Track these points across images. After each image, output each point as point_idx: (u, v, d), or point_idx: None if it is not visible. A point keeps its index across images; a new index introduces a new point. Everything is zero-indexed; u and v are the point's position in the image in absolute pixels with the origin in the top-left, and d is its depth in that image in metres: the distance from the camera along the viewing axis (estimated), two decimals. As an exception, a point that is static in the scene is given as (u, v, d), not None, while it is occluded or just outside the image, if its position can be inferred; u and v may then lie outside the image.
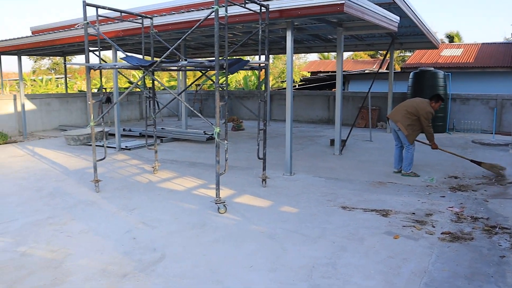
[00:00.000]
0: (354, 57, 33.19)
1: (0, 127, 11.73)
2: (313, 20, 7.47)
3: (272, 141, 9.97)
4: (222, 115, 5.84)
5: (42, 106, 13.56)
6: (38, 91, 23.08)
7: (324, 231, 4.38)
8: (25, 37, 10.75)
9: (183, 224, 4.63)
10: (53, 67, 37.45)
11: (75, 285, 3.33)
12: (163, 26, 7.39)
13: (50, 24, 12.75)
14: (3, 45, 11.38)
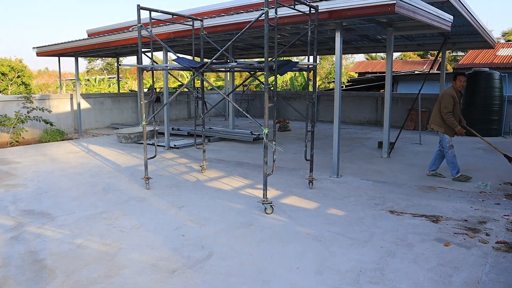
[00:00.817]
0: (402, 57, 32.34)
1: (58, 124, 12.33)
2: (362, 20, 7.36)
3: (319, 143, 9.91)
4: (271, 116, 5.86)
5: (96, 105, 14.15)
6: (91, 91, 24.10)
7: (372, 236, 4.32)
8: (82, 39, 11.26)
9: (230, 223, 4.71)
10: (105, 68, 38.97)
11: (127, 278, 3.46)
12: (212, 28, 7.52)
13: (105, 26, 13.29)
14: (62, 47, 11.98)
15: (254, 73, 6.55)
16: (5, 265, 3.70)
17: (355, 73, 26.85)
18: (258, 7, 7.70)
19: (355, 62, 33.59)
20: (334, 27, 6.90)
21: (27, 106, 10.85)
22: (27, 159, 8.56)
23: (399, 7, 5.66)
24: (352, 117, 15.41)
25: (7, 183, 6.58)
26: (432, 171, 6.84)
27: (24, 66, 21.25)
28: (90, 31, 14.01)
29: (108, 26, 13.26)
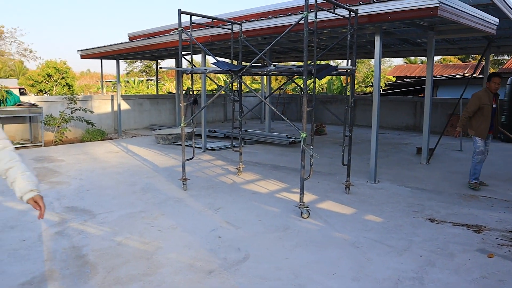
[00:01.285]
0: (442, 61, 31.52)
1: (99, 124, 12.72)
2: (402, 24, 7.24)
3: (356, 147, 9.79)
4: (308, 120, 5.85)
5: (135, 106, 14.51)
6: (130, 92, 24.72)
7: (411, 244, 4.23)
8: (123, 43, 11.59)
9: (266, 226, 4.72)
10: (144, 70, 39.87)
11: (165, 276, 3.54)
12: (251, 32, 7.58)
13: (145, 30, 13.63)
14: (104, 50, 12.37)
15: (291, 77, 6.55)
16: (50, 258, 3.85)
17: (393, 77, 26.36)
18: (297, 11, 7.70)
19: (393, 66, 33.00)
20: (373, 31, 6.82)
21: (71, 106, 11.25)
22: (70, 158, 8.87)
23: (442, 11, 5.54)
24: (389, 121, 15.14)
25: (52, 180, 6.84)
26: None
27: (68, 67, 22.00)
28: (131, 34, 14.40)
29: (148, 29, 13.60)
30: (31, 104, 10.93)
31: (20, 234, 4.42)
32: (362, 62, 28.64)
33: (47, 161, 8.52)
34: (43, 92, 22.95)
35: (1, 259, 3.83)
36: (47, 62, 24.06)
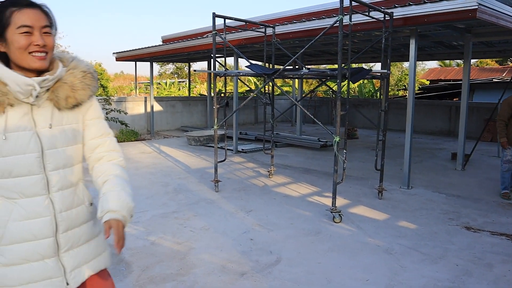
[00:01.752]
0: (479, 64, 30.66)
1: (132, 125, 13.00)
2: (438, 26, 7.10)
3: (388, 152, 9.61)
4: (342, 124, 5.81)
5: (167, 107, 14.74)
6: (162, 94, 25.13)
7: (446, 252, 4.14)
8: (157, 45, 11.82)
9: (298, 230, 4.71)
10: (176, 72, 40.48)
11: (198, 277, 3.58)
12: (284, 35, 7.60)
13: (179, 33, 13.84)
14: (139, 53, 12.63)
15: (324, 80, 6.52)
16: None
17: (427, 80, 25.82)
18: (330, 14, 7.67)
19: (426, 69, 32.31)
20: (408, 33, 6.70)
21: (106, 107, 11.54)
22: (104, 158, 9.08)
23: (481, 13, 5.40)
24: (423, 126, 14.83)
25: (86, 179, 7.02)
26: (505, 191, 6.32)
27: (103, 69, 22.57)
28: (165, 37, 14.65)
29: (181, 32, 13.81)
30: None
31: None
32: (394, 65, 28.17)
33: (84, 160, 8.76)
34: (79, 93, 23.58)
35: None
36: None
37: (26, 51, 1.49)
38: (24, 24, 1.48)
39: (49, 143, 1.58)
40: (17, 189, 1.54)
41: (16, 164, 1.52)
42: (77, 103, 1.65)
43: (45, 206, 1.58)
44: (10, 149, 1.51)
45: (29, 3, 1.52)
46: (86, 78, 1.68)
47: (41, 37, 1.51)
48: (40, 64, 1.52)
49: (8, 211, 1.54)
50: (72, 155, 1.67)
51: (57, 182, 1.61)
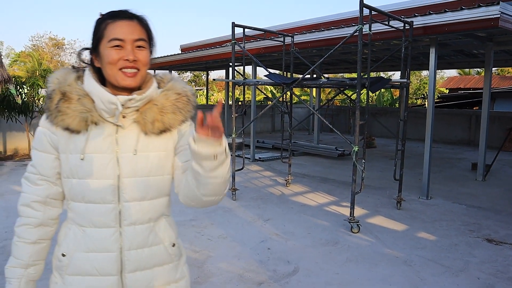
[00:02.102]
0: (500, 72, 30.19)
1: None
2: (459, 35, 7.03)
3: (407, 162, 9.49)
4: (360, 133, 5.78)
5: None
6: (180, 101, 25.30)
7: (467, 264, 4.07)
8: (176, 54, 11.98)
9: (316, 240, 4.69)
10: (193, 80, 40.84)
11: (215, 286, 3.59)
12: (302, 44, 7.62)
13: (197, 42, 14.00)
14: (158, 62, 12.82)
15: (343, 89, 6.51)
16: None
17: (446, 89, 25.53)
18: (349, 23, 7.67)
19: (445, 78, 31.96)
20: (428, 42, 6.66)
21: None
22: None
23: (504, 21, 5.35)
24: (442, 135, 14.65)
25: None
26: None
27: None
28: (183, 46, 14.82)
29: (199, 41, 13.96)
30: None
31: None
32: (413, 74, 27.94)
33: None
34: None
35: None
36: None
37: (115, 66, 1.34)
38: (115, 37, 1.34)
39: (128, 170, 1.39)
40: (88, 216, 1.40)
41: (90, 189, 1.38)
42: (164, 128, 1.43)
43: (113, 241, 1.40)
44: (86, 171, 1.37)
45: (126, 15, 1.38)
46: (179, 101, 1.47)
47: (132, 52, 1.34)
48: (129, 82, 1.36)
49: (77, 240, 1.41)
50: (154, 186, 1.44)
51: (130, 215, 1.41)
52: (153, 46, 1.45)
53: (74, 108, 1.36)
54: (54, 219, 1.49)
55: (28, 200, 1.44)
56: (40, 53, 31.63)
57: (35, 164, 1.44)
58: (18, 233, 1.45)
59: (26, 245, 1.45)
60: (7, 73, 7.98)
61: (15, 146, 10.60)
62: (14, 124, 10.13)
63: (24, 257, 1.45)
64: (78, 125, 1.36)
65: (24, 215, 1.44)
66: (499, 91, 18.55)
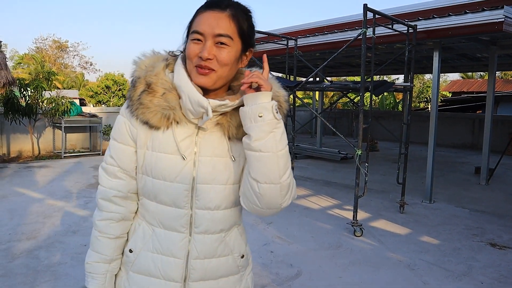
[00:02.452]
0: (503, 76, 30.13)
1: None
2: (462, 39, 7.03)
3: (409, 165, 9.48)
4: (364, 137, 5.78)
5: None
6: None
7: (470, 269, 4.06)
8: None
9: (319, 243, 4.69)
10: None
11: (218, 289, 3.58)
12: (306, 47, 7.63)
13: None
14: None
15: (346, 93, 6.52)
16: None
17: (449, 92, 25.50)
18: (352, 26, 7.68)
19: (448, 81, 31.93)
20: (431, 46, 6.66)
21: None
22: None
23: (508, 25, 5.35)
24: (445, 139, 14.62)
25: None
26: None
27: (126, 80, 23.00)
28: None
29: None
30: (91, 115, 11.49)
31: (81, 239, 4.64)
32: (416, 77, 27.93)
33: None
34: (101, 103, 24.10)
35: (65, 261, 4.04)
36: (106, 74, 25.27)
37: (192, 63, 1.22)
38: (196, 29, 1.21)
39: (205, 176, 1.28)
40: (158, 217, 1.32)
41: (162, 190, 1.29)
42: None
43: (180, 247, 1.32)
44: (161, 171, 1.28)
45: (219, 5, 1.22)
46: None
47: (208, 48, 1.19)
48: (202, 81, 1.21)
49: (145, 238, 1.35)
50: (230, 195, 1.33)
51: (201, 224, 1.31)
52: (249, 42, 1.28)
53: (157, 103, 1.24)
54: (134, 212, 1.42)
55: (109, 194, 1.36)
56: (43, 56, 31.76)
57: (114, 156, 1.35)
58: (100, 227, 1.39)
59: (109, 240, 1.39)
60: (11, 76, 8.01)
61: (19, 148, 10.63)
62: (18, 126, 10.17)
63: (107, 252, 1.39)
64: (158, 121, 1.26)
65: (106, 209, 1.38)
66: (502, 94, 18.52)
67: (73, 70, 35.57)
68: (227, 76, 1.25)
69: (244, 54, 1.28)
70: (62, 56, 35.29)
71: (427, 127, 6.58)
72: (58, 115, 10.30)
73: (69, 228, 5.02)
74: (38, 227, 5.02)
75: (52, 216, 5.48)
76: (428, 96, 25.07)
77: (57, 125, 10.85)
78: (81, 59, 36.71)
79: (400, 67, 12.28)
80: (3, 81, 7.72)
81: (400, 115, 15.14)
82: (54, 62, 33.77)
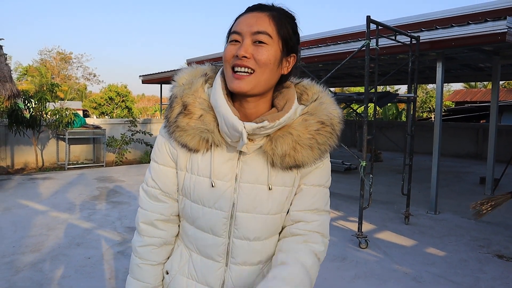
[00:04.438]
0: (506, 85, 30.12)
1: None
2: (465, 49, 7.04)
3: (414, 175, 9.45)
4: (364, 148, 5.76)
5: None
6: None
7: (478, 281, 4.01)
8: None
9: (324, 255, 4.64)
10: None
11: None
12: (309, 58, 7.65)
13: (203, 56, 14.08)
14: (164, 76, 12.94)
15: (349, 103, 6.52)
16: (113, 277, 3.99)
17: (452, 102, 25.49)
18: (356, 37, 7.71)
19: (451, 91, 31.95)
20: (435, 57, 6.67)
21: (132, 129, 11.73)
22: (130, 178, 9.22)
23: (511, 36, 5.34)
24: (449, 149, 14.58)
25: (113, 200, 7.13)
26: None
27: (129, 91, 23.10)
28: (189, 60, 14.92)
29: (206, 55, 14.05)
30: (95, 126, 11.53)
31: (85, 252, 4.62)
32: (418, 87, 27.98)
33: (108, 181, 8.90)
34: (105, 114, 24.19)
35: (69, 274, 4.01)
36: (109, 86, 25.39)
37: (229, 65, 1.12)
38: (234, 29, 1.13)
39: (245, 204, 1.19)
40: (195, 242, 1.27)
41: (200, 215, 1.22)
42: (296, 165, 1.18)
43: (216, 276, 1.25)
44: (199, 196, 1.21)
45: (258, 7, 1.14)
46: (320, 133, 1.17)
47: (246, 45, 1.09)
48: (237, 85, 1.10)
49: (182, 262, 1.30)
50: (271, 226, 1.23)
51: (239, 254, 1.23)
52: (291, 46, 1.16)
53: (194, 125, 1.16)
54: (175, 235, 1.36)
55: (151, 218, 1.30)
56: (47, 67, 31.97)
57: (155, 178, 1.29)
58: (142, 254, 1.32)
59: (152, 267, 1.33)
60: (16, 88, 8.06)
61: (23, 160, 10.66)
62: (22, 138, 10.21)
63: (150, 280, 1.33)
64: (197, 144, 1.18)
65: (148, 234, 1.31)
66: (506, 104, 18.49)
67: (76, 81, 35.81)
68: (267, 80, 1.13)
69: (285, 59, 1.16)
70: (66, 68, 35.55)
71: (431, 137, 6.56)
72: (62, 127, 10.33)
73: (72, 240, 5.01)
74: (42, 239, 5.01)
75: (56, 228, 5.47)
76: (431, 106, 25.04)
77: (60, 136, 10.89)
78: (85, 70, 37.01)
79: (402, 77, 12.30)
80: (8, 94, 7.76)
81: (403, 125, 15.12)
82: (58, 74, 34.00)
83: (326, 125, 1.17)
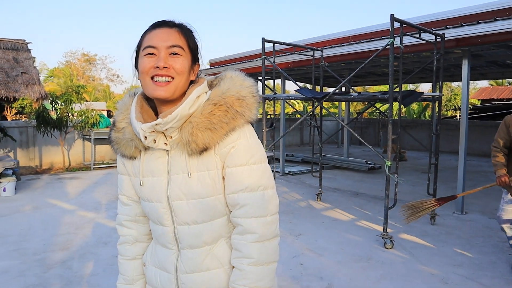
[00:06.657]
0: (534, 82, 29.28)
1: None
2: (492, 46, 6.88)
3: (439, 175, 9.32)
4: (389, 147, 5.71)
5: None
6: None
7: (508, 284, 3.93)
8: (205, 69, 12.13)
9: (349, 255, 4.63)
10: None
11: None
12: (332, 58, 7.62)
13: (225, 56, 14.16)
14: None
15: (373, 103, 6.46)
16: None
17: (478, 100, 24.92)
18: (379, 36, 7.63)
19: (477, 88, 31.23)
20: (460, 54, 6.55)
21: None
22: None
23: (540, 32, 5.21)
24: (476, 148, 14.27)
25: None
26: None
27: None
28: (212, 60, 15.02)
29: (228, 56, 14.12)
30: (120, 127, 11.69)
31: (112, 250, 4.71)
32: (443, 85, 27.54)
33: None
34: (129, 114, 24.47)
35: (97, 272, 4.11)
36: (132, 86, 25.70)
37: (148, 76, 1.25)
38: (148, 44, 1.26)
39: (176, 193, 1.33)
40: (155, 235, 1.47)
41: (149, 211, 1.42)
42: (202, 148, 1.28)
43: (170, 262, 1.42)
44: (145, 194, 1.39)
45: (166, 24, 1.29)
46: (214, 113, 1.27)
47: (164, 58, 1.24)
48: (160, 93, 1.24)
49: (152, 254, 1.50)
50: (206, 208, 1.34)
51: (184, 239, 1.38)
52: (196, 56, 1.35)
53: (122, 137, 1.38)
54: (147, 234, 1.56)
55: (121, 219, 1.54)
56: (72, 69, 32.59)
57: (119, 186, 1.52)
58: (119, 251, 1.56)
59: (127, 261, 1.55)
60: (44, 90, 8.27)
61: (51, 160, 10.92)
62: (50, 139, 10.46)
63: (128, 273, 1.55)
64: (130, 152, 1.38)
65: (121, 233, 1.55)
66: (534, 102, 17.98)
67: (100, 82, 36.42)
68: (183, 86, 1.28)
69: (192, 67, 1.33)
70: (90, 69, 36.19)
71: (456, 136, 6.45)
72: (88, 128, 10.54)
73: (100, 239, 5.12)
74: (70, 238, 5.13)
75: (84, 227, 5.60)
76: (457, 104, 24.56)
77: (86, 137, 11.11)
78: (108, 71, 37.59)
79: (427, 76, 12.10)
80: (37, 96, 7.99)
81: (427, 123, 14.88)
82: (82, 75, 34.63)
83: (220, 105, 1.28)
